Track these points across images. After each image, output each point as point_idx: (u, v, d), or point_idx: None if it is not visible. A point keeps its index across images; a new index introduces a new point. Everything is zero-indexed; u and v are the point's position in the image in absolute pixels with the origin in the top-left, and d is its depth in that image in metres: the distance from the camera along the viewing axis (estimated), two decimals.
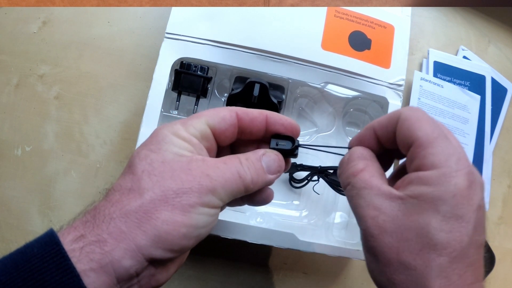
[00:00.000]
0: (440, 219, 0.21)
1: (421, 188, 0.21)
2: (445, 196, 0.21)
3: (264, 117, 0.27)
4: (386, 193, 0.23)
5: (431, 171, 0.21)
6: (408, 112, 0.24)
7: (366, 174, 0.24)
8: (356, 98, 0.45)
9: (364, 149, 0.26)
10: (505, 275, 0.50)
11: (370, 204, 0.23)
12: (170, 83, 0.40)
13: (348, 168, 0.25)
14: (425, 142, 0.22)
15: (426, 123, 0.23)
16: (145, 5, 0.47)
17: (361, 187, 0.24)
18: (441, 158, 0.21)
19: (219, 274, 0.45)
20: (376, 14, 0.44)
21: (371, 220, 0.22)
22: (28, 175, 0.44)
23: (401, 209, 0.22)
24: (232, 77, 0.42)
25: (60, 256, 0.19)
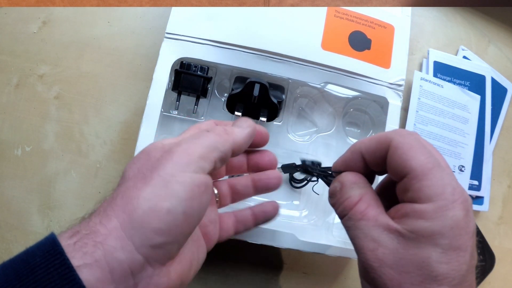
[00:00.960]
0: (440, 252, 0.21)
1: (419, 223, 0.21)
2: (443, 230, 0.21)
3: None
4: (384, 225, 0.23)
5: (427, 205, 0.21)
6: (399, 139, 0.23)
7: (362, 205, 0.24)
8: (356, 98, 0.45)
9: (355, 175, 0.26)
10: (505, 275, 0.50)
11: (368, 236, 0.23)
12: (170, 83, 0.40)
13: (343, 201, 0.25)
14: (420, 174, 0.22)
15: (419, 152, 0.22)
16: (145, 5, 0.47)
17: (357, 219, 0.24)
18: (436, 190, 0.21)
19: (219, 274, 0.45)
20: (376, 14, 0.44)
21: (370, 253, 0.22)
22: (28, 175, 0.44)
23: (400, 242, 0.22)
24: (232, 77, 0.42)
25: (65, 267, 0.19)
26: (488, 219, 0.51)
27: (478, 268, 0.47)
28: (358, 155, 0.26)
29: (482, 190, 0.50)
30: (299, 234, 0.38)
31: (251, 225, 0.32)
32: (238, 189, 0.31)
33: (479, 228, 0.48)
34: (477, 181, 0.50)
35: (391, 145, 0.23)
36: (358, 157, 0.26)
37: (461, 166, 0.49)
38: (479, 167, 0.50)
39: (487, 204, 0.50)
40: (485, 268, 0.47)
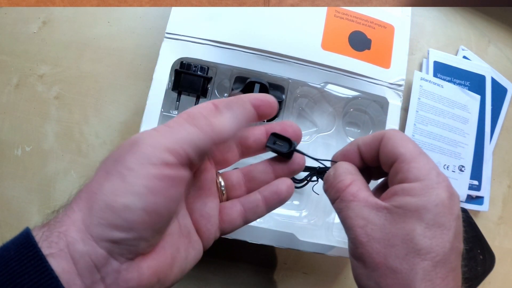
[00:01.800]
0: (424, 226, 0.22)
1: (406, 199, 0.23)
2: (428, 205, 0.22)
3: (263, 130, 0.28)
4: (373, 204, 0.24)
5: (414, 183, 0.23)
6: (391, 132, 0.26)
7: (353, 188, 0.26)
8: (356, 98, 0.45)
9: (348, 164, 0.28)
10: (505, 275, 0.50)
11: (359, 215, 0.24)
12: (170, 83, 0.40)
13: (336, 184, 0.27)
14: (409, 158, 0.24)
15: (408, 142, 0.25)
16: (145, 5, 0.47)
17: (349, 200, 0.25)
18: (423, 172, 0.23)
19: (219, 274, 0.45)
20: (376, 14, 0.44)
21: (360, 229, 0.24)
22: (28, 175, 0.44)
23: (388, 218, 0.24)
24: (232, 77, 0.42)
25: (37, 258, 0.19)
26: (488, 219, 0.51)
27: (478, 267, 0.47)
28: (355, 147, 0.28)
29: (482, 190, 0.50)
30: (299, 234, 0.38)
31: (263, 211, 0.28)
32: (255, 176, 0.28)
33: (479, 228, 0.48)
34: (477, 181, 0.50)
35: (384, 137, 0.26)
36: (355, 149, 0.28)
37: (461, 166, 0.49)
38: (479, 167, 0.50)
39: (487, 204, 0.50)
40: (485, 268, 0.47)
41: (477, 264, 0.47)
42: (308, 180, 0.43)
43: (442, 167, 0.48)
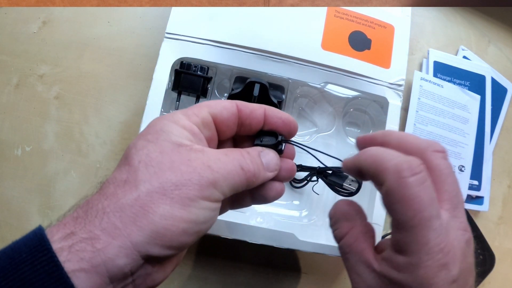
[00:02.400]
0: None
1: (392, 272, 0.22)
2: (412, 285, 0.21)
3: (263, 111, 0.27)
4: (367, 262, 0.24)
5: (402, 257, 0.22)
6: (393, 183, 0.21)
7: (350, 239, 0.25)
8: (356, 98, 0.45)
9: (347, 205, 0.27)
10: (505, 275, 0.50)
11: (354, 269, 0.24)
12: (170, 83, 0.40)
13: (333, 231, 0.27)
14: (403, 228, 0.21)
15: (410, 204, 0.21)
16: (145, 5, 0.47)
17: (345, 252, 0.25)
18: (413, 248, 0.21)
19: (219, 274, 0.45)
20: (376, 14, 0.44)
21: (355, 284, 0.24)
22: (28, 175, 0.44)
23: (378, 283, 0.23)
24: (232, 77, 0.42)
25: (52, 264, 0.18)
26: (488, 219, 0.51)
27: (478, 267, 0.47)
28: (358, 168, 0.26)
29: (482, 190, 0.50)
30: (299, 234, 0.38)
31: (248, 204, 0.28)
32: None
33: (479, 228, 0.48)
34: (477, 181, 0.50)
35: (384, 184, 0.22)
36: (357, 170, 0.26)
37: (461, 166, 0.49)
38: (479, 167, 0.50)
39: (487, 204, 0.50)
40: (485, 268, 0.47)
41: (477, 264, 0.47)
42: (308, 180, 0.43)
43: None
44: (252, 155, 0.25)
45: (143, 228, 0.20)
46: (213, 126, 0.25)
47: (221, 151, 0.24)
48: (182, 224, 0.21)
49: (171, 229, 0.20)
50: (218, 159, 0.23)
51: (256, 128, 0.27)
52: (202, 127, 0.24)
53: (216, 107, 0.25)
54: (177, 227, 0.20)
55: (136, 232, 0.20)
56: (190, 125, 0.23)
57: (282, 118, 0.27)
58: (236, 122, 0.26)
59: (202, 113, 0.24)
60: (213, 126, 0.25)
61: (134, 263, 0.20)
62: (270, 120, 0.27)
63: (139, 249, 0.20)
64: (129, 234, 0.19)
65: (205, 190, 0.21)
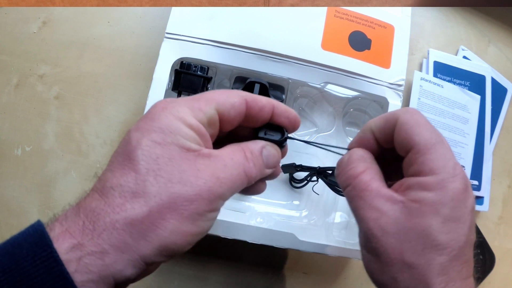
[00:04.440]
0: (441, 221, 0.22)
1: (422, 194, 0.22)
2: (444, 200, 0.22)
3: (272, 108, 0.26)
4: (387, 196, 0.23)
5: (430, 177, 0.22)
6: (406, 115, 0.24)
7: (366, 176, 0.24)
8: (356, 98, 0.45)
9: (363, 151, 0.26)
10: (505, 275, 0.50)
11: (372, 206, 0.23)
12: (170, 83, 0.40)
13: (347, 170, 0.25)
14: (424, 149, 0.23)
15: (424, 128, 0.23)
16: (145, 5, 0.47)
17: (361, 189, 0.24)
18: (439, 164, 0.22)
19: (219, 274, 0.45)
20: (376, 14, 0.44)
21: (373, 222, 0.23)
22: (28, 175, 0.44)
23: (403, 212, 0.23)
24: (232, 77, 0.42)
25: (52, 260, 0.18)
26: (488, 219, 0.51)
27: (478, 267, 0.47)
28: (369, 133, 0.26)
29: (482, 190, 0.50)
30: (299, 234, 0.38)
31: None
32: None
33: (479, 228, 0.48)
34: (477, 181, 0.50)
35: (397, 122, 0.24)
36: (369, 135, 0.26)
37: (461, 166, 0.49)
38: (479, 167, 0.50)
39: (487, 204, 0.50)
40: (485, 268, 0.47)
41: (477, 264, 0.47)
42: (308, 180, 0.43)
43: None
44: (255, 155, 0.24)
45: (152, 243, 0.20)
46: (218, 125, 0.24)
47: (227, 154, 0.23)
48: (189, 238, 0.21)
49: (178, 242, 0.21)
50: (225, 166, 0.22)
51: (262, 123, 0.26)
52: (207, 126, 0.23)
53: (225, 104, 0.24)
54: (184, 240, 0.21)
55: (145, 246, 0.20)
56: (197, 125, 0.22)
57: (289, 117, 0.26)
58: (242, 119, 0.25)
59: (209, 110, 0.23)
60: (218, 125, 0.24)
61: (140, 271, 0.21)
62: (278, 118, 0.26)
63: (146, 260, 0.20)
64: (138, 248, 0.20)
65: (214, 203, 0.22)
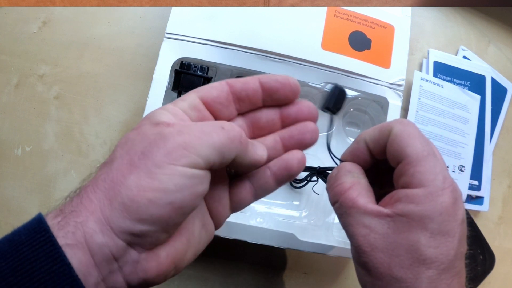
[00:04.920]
0: (428, 236, 0.22)
1: (409, 207, 0.22)
2: (432, 215, 0.22)
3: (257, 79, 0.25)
4: (375, 212, 0.23)
5: (418, 189, 0.22)
6: (399, 127, 0.24)
7: (353, 192, 0.25)
8: (356, 98, 0.45)
9: (352, 165, 0.27)
10: (505, 275, 0.50)
11: (360, 223, 0.24)
12: (170, 83, 0.40)
13: (335, 186, 0.26)
14: (415, 160, 0.23)
15: (417, 140, 0.24)
16: (145, 5, 0.47)
17: (348, 206, 0.24)
18: (429, 177, 0.22)
19: (219, 274, 0.45)
20: (376, 14, 0.44)
21: (362, 238, 0.23)
22: (28, 175, 0.44)
23: (390, 226, 0.23)
24: (232, 77, 0.42)
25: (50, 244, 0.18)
26: (488, 219, 0.51)
27: (478, 267, 0.47)
28: (363, 144, 0.27)
29: (482, 190, 0.50)
30: (299, 234, 0.38)
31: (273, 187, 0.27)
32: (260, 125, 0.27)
33: (479, 228, 0.48)
34: (477, 181, 0.50)
35: (391, 132, 0.24)
36: (363, 146, 0.27)
37: (461, 166, 0.49)
38: (479, 167, 0.50)
39: (487, 204, 0.50)
40: (485, 268, 0.47)
41: (477, 264, 0.47)
42: (308, 180, 0.43)
43: None
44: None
45: (112, 201, 0.20)
46: (202, 107, 0.24)
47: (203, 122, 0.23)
48: (148, 193, 0.19)
49: (136, 199, 0.19)
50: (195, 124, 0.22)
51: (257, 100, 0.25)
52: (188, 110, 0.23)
53: (203, 89, 0.25)
54: (142, 196, 0.19)
55: (107, 206, 0.20)
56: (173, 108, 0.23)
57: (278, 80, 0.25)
58: (230, 98, 0.25)
59: (189, 98, 0.24)
60: (202, 107, 0.24)
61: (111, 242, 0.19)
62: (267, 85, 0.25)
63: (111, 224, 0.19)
64: (102, 208, 0.20)
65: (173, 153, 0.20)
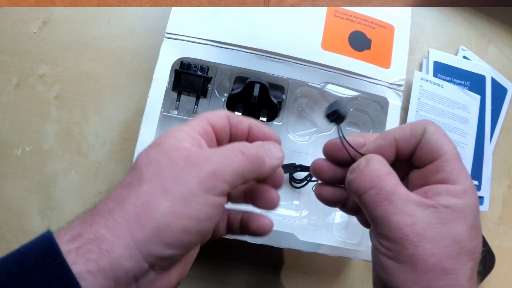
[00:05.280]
0: (469, 228, 0.23)
1: (452, 200, 0.23)
2: (471, 209, 0.23)
3: (248, 124, 0.27)
4: (418, 201, 0.23)
5: (458, 185, 0.23)
6: (433, 127, 0.25)
7: (392, 179, 0.24)
8: (356, 98, 0.45)
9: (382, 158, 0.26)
10: (505, 275, 0.50)
11: (404, 211, 0.22)
12: (170, 83, 0.40)
13: (369, 172, 0.24)
14: (451, 158, 0.24)
15: (450, 140, 0.25)
16: (145, 5, 0.47)
17: (390, 192, 0.23)
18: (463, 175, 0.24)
19: (219, 274, 0.45)
20: (376, 14, 0.44)
21: (409, 228, 0.22)
22: (28, 175, 0.44)
23: (435, 217, 0.22)
24: (232, 77, 0.42)
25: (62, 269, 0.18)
26: (488, 219, 0.51)
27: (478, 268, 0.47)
28: (392, 142, 0.26)
29: (482, 190, 0.50)
30: (299, 234, 0.38)
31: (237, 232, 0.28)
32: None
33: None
34: (477, 181, 0.50)
35: (426, 131, 0.25)
36: (391, 144, 0.26)
37: None
38: (479, 167, 0.50)
39: (487, 204, 0.50)
40: (485, 268, 0.47)
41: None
42: (308, 180, 0.43)
43: None
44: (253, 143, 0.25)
45: (145, 226, 0.20)
46: (213, 135, 0.26)
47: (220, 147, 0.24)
48: (182, 221, 0.20)
49: (171, 226, 0.20)
50: (215, 151, 0.23)
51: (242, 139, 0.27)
52: (203, 135, 0.25)
53: (212, 116, 0.26)
54: (177, 223, 0.20)
55: (138, 230, 0.20)
56: (191, 131, 0.24)
57: (264, 132, 0.27)
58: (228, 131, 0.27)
59: (203, 123, 0.25)
60: (213, 135, 0.26)
61: (138, 266, 0.20)
62: (253, 132, 0.27)
63: (141, 249, 0.20)
64: (132, 232, 0.19)
65: (206, 181, 0.21)
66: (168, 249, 0.20)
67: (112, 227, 0.20)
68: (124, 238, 0.19)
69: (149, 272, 0.21)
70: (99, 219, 0.20)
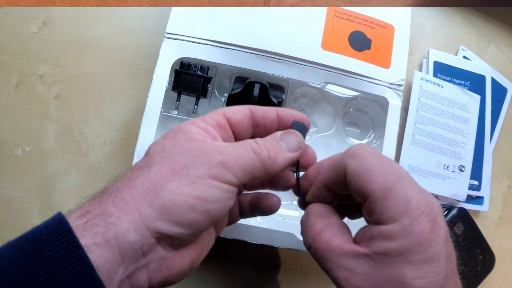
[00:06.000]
0: (413, 268, 0.21)
1: (387, 244, 0.21)
2: (412, 247, 0.21)
3: (275, 111, 0.28)
4: (351, 252, 0.22)
5: (392, 225, 0.21)
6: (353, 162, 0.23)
7: (326, 235, 0.24)
8: (356, 98, 0.45)
9: (320, 206, 0.26)
10: (505, 275, 0.50)
11: (339, 266, 0.22)
12: (170, 83, 0.40)
13: (307, 230, 0.25)
14: (380, 197, 0.22)
15: (376, 173, 0.22)
16: (145, 5, 0.47)
17: (324, 250, 0.23)
18: (399, 209, 0.21)
19: (219, 274, 0.45)
20: (376, 14, 0.44)
21: (346, 282, 0.22)
22: (28, 175, 0.44)
23: (371, 265, 0.22)
24: (232, 77, 0.42)
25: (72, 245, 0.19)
26: (488, 219, 0.51)
27: (478, 267, 0.47)
28: (323, 189, 0.26)
29: (482, 190, 0.50)
30: (299, 234, 0.38)
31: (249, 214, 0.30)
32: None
33: (479, 228, 0.48)
34: (477, 181, 0.50)
35: (347, 172, 0.23)
36: (323, 189, 0.26)
37: (461, 166, 0.49)
38: (479, 167, 0.50)
39: (487, 204, 0.50)
40: (485, 268, 0.47)
41: (477, 264, 0.47)
42: None
43: (442, 167, 0.48)
44: (267, 140, 0.25)
45: (152, 203, 0.21)
46: (228, 128, 0.26)
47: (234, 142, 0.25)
48: (189, 200, 0.21)
49: (178, 203, 0.21)
50: (229, 145, 0.24)
51: (271, 128, 0.28)
52: (217, 128, 0.25)
53: (230, 110, 0.27)
54: (184, 202, 0.21)
55: (145, 206, 0.20)
56: (205, 125, 0.25)
57: (294, 115, 0.28)
58: (251, 123, 0.27)
59: (217, 116, 0.26)
60: (228, 128, 0.26)
61: (144, 239, 0.20)
62: (284, 119, 0.28)
63: (148, 224, 0.20)
64: (139, 209, 0.20)
65: (214, 169, 0.22)
66: (175, 226, 0.21)
67: (119, 203, 0.21)
68: (131, 213, 0.20)
69: (157, 248, 0.21)
70: (107, 197, 0.21)
